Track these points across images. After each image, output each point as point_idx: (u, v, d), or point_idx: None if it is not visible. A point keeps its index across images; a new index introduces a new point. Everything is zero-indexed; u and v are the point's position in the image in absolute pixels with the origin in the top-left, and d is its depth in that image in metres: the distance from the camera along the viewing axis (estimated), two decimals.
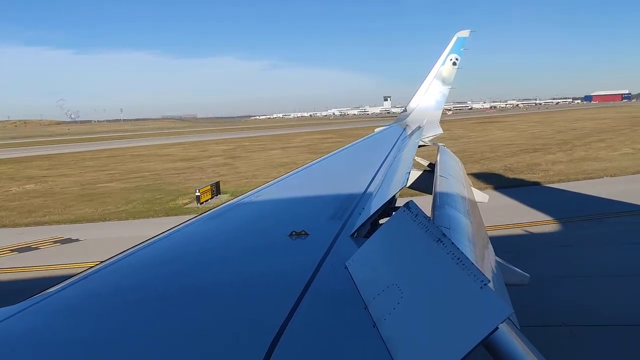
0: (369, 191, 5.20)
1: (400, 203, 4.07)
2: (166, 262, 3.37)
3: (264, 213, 4.89)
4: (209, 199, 28.58)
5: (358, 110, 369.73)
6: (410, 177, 6.63)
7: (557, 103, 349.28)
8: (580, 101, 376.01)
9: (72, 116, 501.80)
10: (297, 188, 6.19)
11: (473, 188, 8.14)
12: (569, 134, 62.80)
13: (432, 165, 9.04)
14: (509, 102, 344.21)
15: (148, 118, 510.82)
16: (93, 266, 3.24)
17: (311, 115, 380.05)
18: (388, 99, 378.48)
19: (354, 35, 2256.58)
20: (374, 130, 14.48)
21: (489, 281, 1.87)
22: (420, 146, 10.86)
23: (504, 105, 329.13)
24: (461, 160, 10.74)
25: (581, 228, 18.87)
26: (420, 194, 7.98)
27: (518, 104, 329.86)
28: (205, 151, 68.13)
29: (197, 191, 28.29)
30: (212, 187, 30.18)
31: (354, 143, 11.13)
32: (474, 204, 6.38)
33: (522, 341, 2.29)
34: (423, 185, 8.01)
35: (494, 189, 27.34)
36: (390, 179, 5.92)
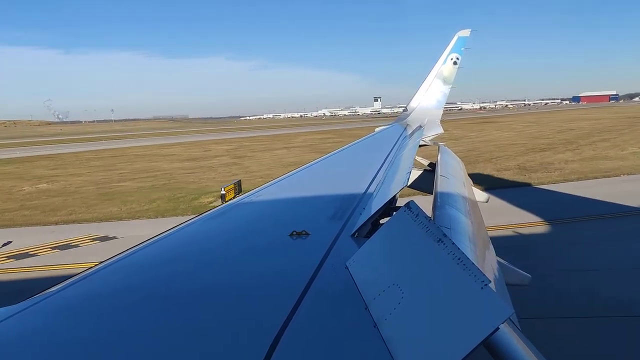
0: (370, 191, 5.18)
1: (400, 203, 4.07)
2: (166, 262, 3.37)
3: (265, 213, 4.89)
4: (232, 198, 28.59)
5: (349, 110, 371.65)
6: (410, 177, 6.57)
7: (546, 104, 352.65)
8: (568, 102, 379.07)
9: (60, 117, 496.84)
10: (298, 188, 6.18)
11: (474, 188, 8.15)
12: (570, 134, 63.34)
13: (433, 164, 9.00)
14: (498, 103, 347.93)
15: (139, 118, 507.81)
16: (93, 266, 3.24)
17: (301, 115, 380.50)
18: (378, 100, 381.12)
19: (344, 35, 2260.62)
20: (375, 129, 14.45)
21: (490, 281, 1.87)
22: (421, 146, 10.80)
23: (493, 106, 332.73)
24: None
25: None
26: (420, 194, 7.97)
27: (507, 105, 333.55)
28: (208, 151, 68.11)
29: (223, 189, 28.26)
30: (235, 186, 30.27)
31: (355, 143, 11.08)
32: (475, 204, 6.40)
33: (523, 342, 2.29)
34: (424, 185, 7.96)
35: (524, 186, 27.97)
36: (390, 179, 5.89)
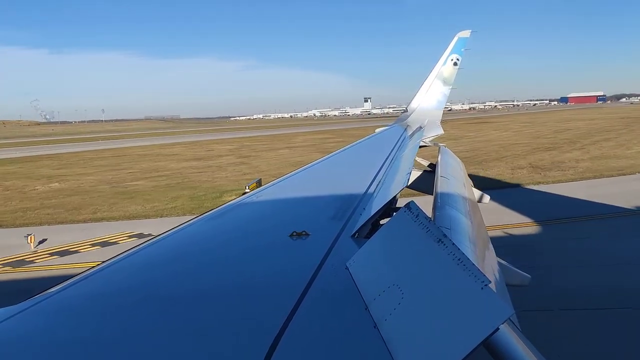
0: (370, 191, 5.19)
1: (401, 203, 4.05)
2: (167, 263, 3.37)
3: (265, 213, 4.91)
4: None
5: (339, 111, 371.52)
6: (411, 178, 6.59)
7: (535, 105, 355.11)
8: (556, 102, 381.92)
9: (47, 117, 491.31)
10: (298, 188, 6.22)
11: (474, 188, 8.20)
12: (569, 134, 63.56)
13: (433, 165, 9.02)
14: (488, 104, 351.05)
15: (130, 119, 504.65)
16: (94, 266, 3.24)
17: (291, 116, 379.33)
18: (368, 100, 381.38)
19: (334, 36, 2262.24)
20: (375, 130, 14.46)
21: (490, 282, 1.88)
22: (421, 146, 10.82)
23: (483, 106, 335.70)
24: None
25: None
26: (421, 195, 7.96)
27: (496, 106, 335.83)
28: (211, 151, 67.93)
29: (247, 187, 28.44)
30: (257, 184, 30.37)
31: (355, 143, 11.09)
32: (475, 205, 6.44)
33: (523, 342, 2.30)
34: (424, 185, 7.99)
35: (544, 184, 28.16)
36: (391, 180, 5.90)
